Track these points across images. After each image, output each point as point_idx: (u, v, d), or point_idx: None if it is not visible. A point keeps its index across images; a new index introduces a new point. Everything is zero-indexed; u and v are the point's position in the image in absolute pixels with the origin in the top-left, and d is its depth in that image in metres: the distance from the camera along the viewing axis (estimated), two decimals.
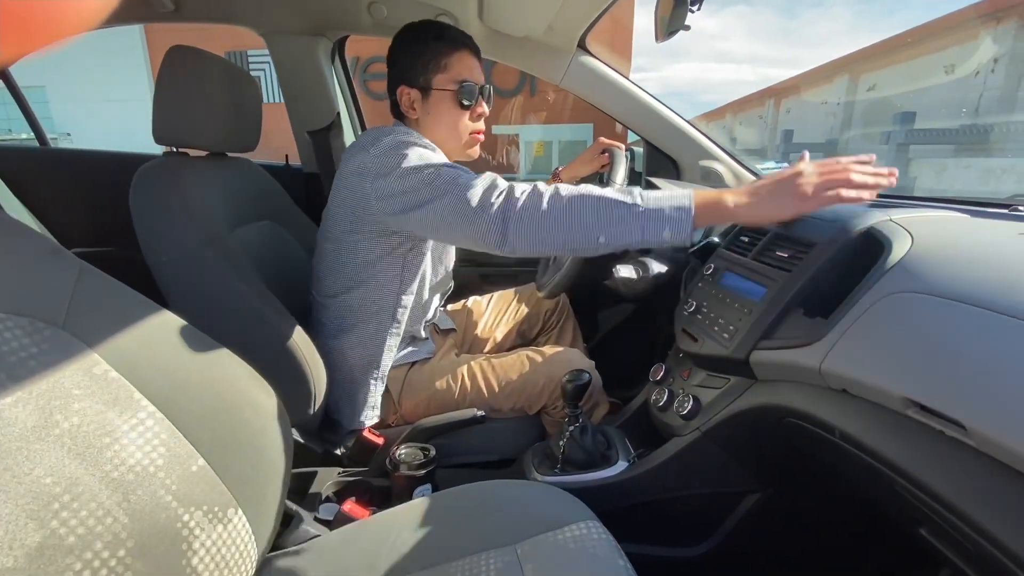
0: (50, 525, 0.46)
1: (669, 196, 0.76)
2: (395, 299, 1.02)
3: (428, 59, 0.98)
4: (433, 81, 0.99)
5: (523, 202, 0.79)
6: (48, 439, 0.49)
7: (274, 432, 0.67)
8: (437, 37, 0.99)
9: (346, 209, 0.96)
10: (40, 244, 0.57)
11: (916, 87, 5.67)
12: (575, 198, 0.78)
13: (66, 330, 0.54)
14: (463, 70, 1.00)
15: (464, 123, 1.03)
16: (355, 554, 0.69)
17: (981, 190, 4.40)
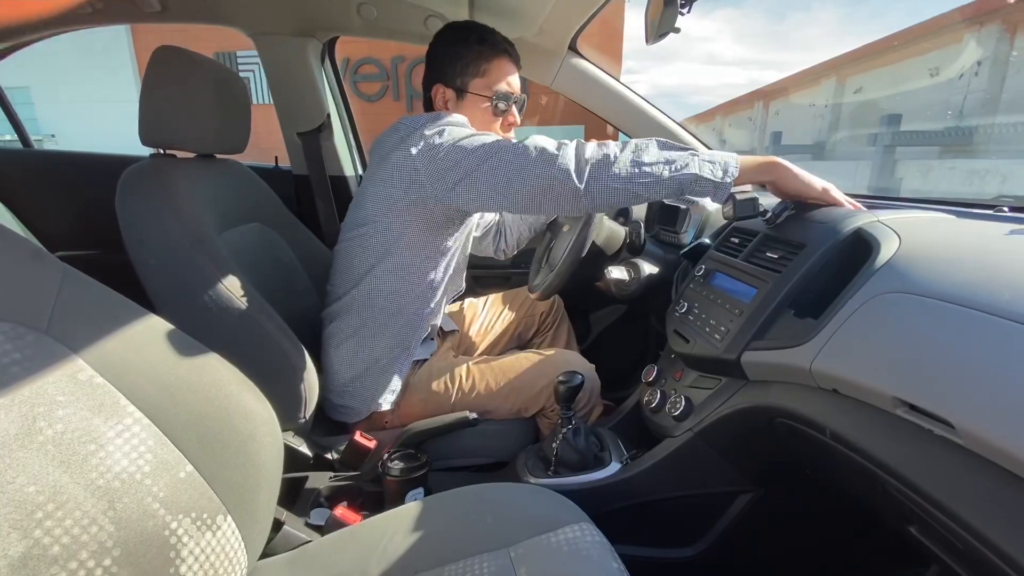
0: (33, 535, 0.45)
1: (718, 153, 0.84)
2: (429, 278, 1.02)
3: (468, 61, 0.99)
4: (470, 84, 1.00)
5: (590, 147, 0.81)
6: (31, 447, 0.48)
7: (264, 437, 0.67)
8: (480, 40, 0.99)
9: (388, 190, 0.93)
10: (22, 247, 0.56)
11: (902, 90, 5.75)
12: (637, 143, 0.82)
13: (49, 335, 0.53)
14: (500, 77, 1.01)
15: (494, 128, 1.03)
16: (347, 560, 0.68)
17: (966, 191, 4.47)
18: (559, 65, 1.38)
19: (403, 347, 1.04)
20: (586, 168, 0.80)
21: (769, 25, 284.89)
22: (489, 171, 0.83)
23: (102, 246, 1.29)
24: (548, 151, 0.82)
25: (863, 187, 5.48)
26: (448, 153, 0.86)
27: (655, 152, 0.81)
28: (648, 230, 1.29)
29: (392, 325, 1.02)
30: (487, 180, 0.83)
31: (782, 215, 0.84)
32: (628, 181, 0.80)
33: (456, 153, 0.86)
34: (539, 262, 1.30)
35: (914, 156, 5.18)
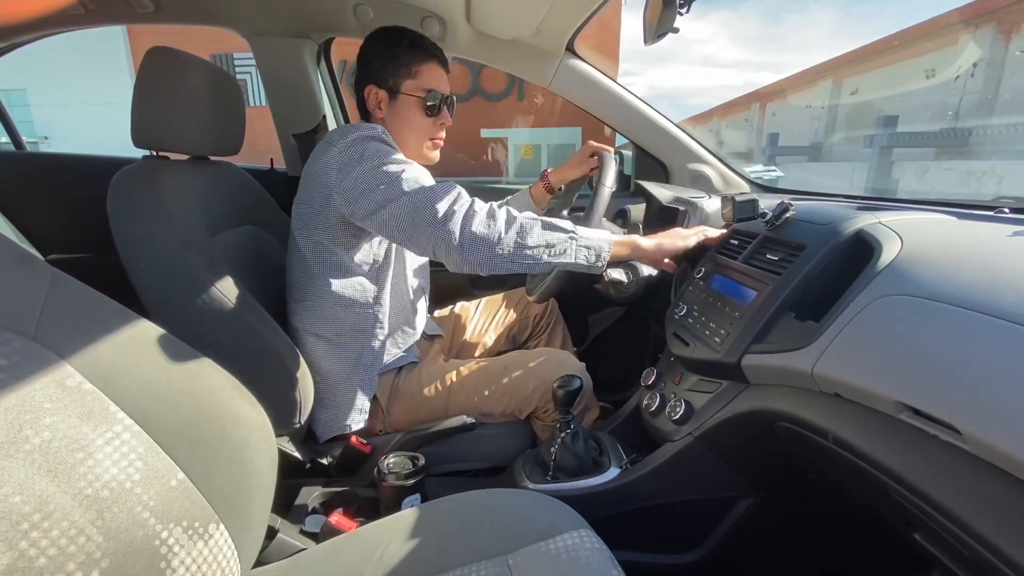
0: (19, 546, 0.44)
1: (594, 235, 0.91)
2: (372, 296, 1.02)
3: (400, 64, 1.01)
4: (402, 86, 1.02)
5: (480, 219, 0.86)
6: (17, 455, 0.47)
7: (257, 443, 0.65)
8: (412, 44, 1.01)
9: (312, 208, 0.97)
10: (9, 251, 0.55)
11: (898, 91, 5.77)
12: (524, 221, 0.88)
13: (37, 341, 0.52)
14: (431, 79, 1.03)
15: (427, 128, 1.05)
16: (342, 568, 0.67)
17: (962, 192, 4.48)
18: (556, 66, 1.37)
19: (356, 362, 1.02)
20: (470, 243, 0.85)
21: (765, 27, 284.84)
22: (393, 212, 0.88)
23: (94, 249, 1.28)
24: (444, 213, 0.86)
25: (860, 188, 5.49)
26: (362, 179, 0.91)
27: (538, 235, 0.87)
28: (647, 232, 1.28)
29: (339, 342, 1.02)
30: (391, 219, 0.89)
31: (782, 217, 0.83)
32: (507, 260, 0.87)
33: (369, 181, 0.90)
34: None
35: (911, 157, 5.20)
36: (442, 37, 1.35)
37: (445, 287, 1.55)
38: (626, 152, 1.67)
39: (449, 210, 0.86)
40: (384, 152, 0.93)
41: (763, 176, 1.67)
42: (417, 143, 1.06)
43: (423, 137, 1.06)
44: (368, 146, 0.93)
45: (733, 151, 9.81)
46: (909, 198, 1.00)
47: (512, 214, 0.89)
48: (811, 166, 7.28)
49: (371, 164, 0.91)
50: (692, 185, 1.44)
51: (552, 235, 0.88)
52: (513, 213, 0.89)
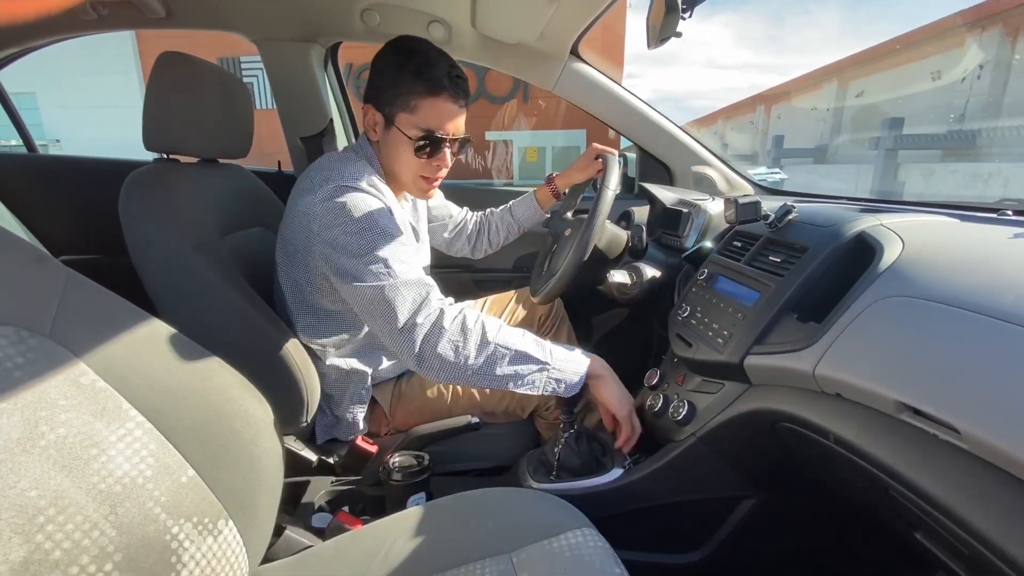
0: (35, 539, 0.45)
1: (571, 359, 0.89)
2: (349, 333, 1.01)
3: (399, 92, 0.90)
4: (396, 118, 0.92)
5: (448, 339, 0.83)
6: (33, 451, 0.48)
7: (266, 441, 0.66)
8: (417, 72, 0.88)
9: (295, 246, 0.92)
10: (25, 252, 0.56)
11: (904, 93, 5.75)
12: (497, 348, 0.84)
13: (52, 339, 0.53)
14: (431, 118, 0.90)
15: (418, 167, 0.95)
16: (349, 565, 0.68)
17: (968, 194, 4.46)
18: (560, 70, 1.38)
19: (349, 374, 1.01)
20: (430, 360, 0.83)
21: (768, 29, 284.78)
22: (358, 292, 0.83)
23: (105, 250, 1.30)
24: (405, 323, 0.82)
25: (865, 190, 5.47)
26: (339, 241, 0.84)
27: (507, 366, 0.84)
28: (650, 234, 1.29)
29: (332, 352, 1.00)
30: (353, 298, 0.85)
31: (784, 219, 0.84)
32: (467, 380, 0.85)
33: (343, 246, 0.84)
34: (542, 266, 1.29)
35: (916, 159, 5.19)
36: (447, 41, 1.36)
37: (451, 288, 1.56)
38: (630, 155, 1.67)
39: (410, 322, 0.81)
40: (363, 213, 0.85)
41: (767, 178, 1.67)
42: (407, 178, 0.98)
43: (413, 175, 0.96)
44: (347, 199, 0.85)
45: (738, 153, 9.79)
46: (913, 200, 1.00)
47: (486, 335, 0.83)
48: (816, 168, 7.26)
49: (345, 228, 0.84)
50: (696, 187, 1.44)
51: (523, 367, 0.84)
52: (488, 333, 0.84)
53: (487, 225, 1.35)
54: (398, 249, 0.85)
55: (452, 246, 1.36)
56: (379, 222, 0.86)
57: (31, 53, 1.49)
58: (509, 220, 1.34)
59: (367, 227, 0.84)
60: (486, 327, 0.85)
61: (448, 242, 1.36)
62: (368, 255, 0.83)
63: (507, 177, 7.65)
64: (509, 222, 1.35)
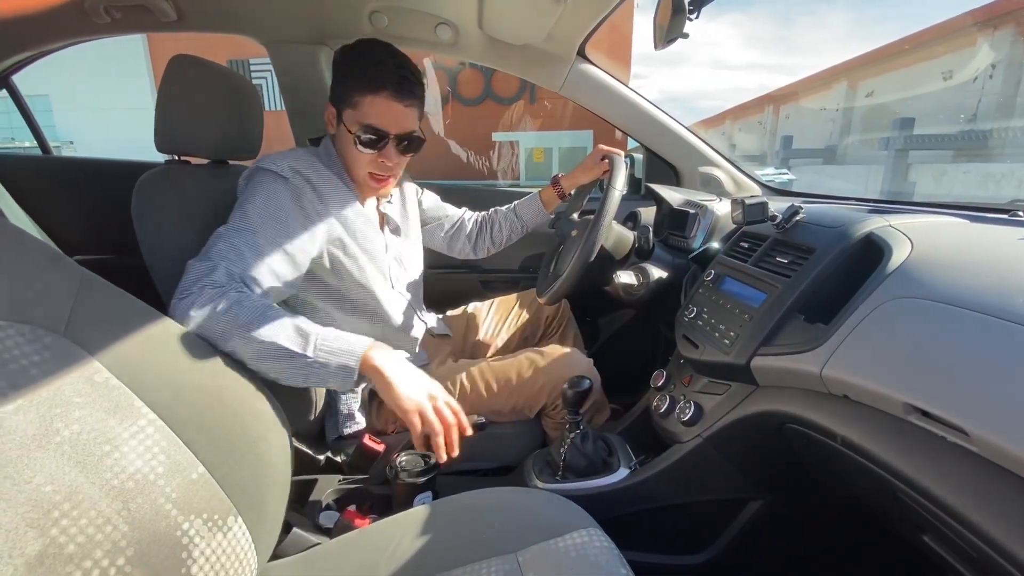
0: (50, 533, 0.46)
1: (342, 350, 0.77)
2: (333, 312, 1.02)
3: (345, 88, 0.94)
4: (343, 113, 0.96)
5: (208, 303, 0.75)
6: (49, 447, 0.49)
7: (274, 439, 0.67)
8: (361, 72, 0.92)
9: None
10: (41, 251, 0.57)
11: (915, 93, 5.69)
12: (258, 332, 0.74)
13: (67, 337, 0.54)
14: (372, 115, 0.93)
15: (364, 162, 0.97)
16: (355, 562, 0.68)
17: (980, 195, 4.41)
18: (567, 71, 1.39)
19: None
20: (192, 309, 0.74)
21: (777, 29, 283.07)
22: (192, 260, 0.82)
23: (117, 250, 1.31)
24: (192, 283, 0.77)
25: (876, 191, 5.43)
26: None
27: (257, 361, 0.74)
28: (657, 235, 1.29)
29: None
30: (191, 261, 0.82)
31: (792, 220, 0.84)
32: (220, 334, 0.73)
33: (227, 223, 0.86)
34: (548, 267, 1.30)
35: (927, 160, 5.13)
36: (454, 43, 1.37)
37: (457, 289, 1.57)
38: (637, 155, 1.67)
39: (182, 286, 0.77)
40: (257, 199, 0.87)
41: (775, 179, 1.66)
42: (357, 174, 1.00)
43: (362, 171, 0.99)
44: (257, 182, 0.90)
45: (746, 154, 9.74)
46: (922, 201, 1.00)
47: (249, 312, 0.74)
48: (825, 169, 7.21)
49: (237, 211, 0.88)
50: (703, 188, 1.44)
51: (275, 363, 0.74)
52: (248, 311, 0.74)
53: (490, 224, 1.36)
54: (229, 242, 0.84)
55: (452, 246, 1.36)
56: (258, 207, 0.87)
57: (46, 56, 1.51)
58: (513, 219, 1.35)
59: (241, 203, 0.88)
60: (238, 309, 0.75)
61: (447, 243, 1.35)
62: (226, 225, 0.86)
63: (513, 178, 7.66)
64: (513, 221, 1.35)
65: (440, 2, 1.25)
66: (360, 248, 1.02)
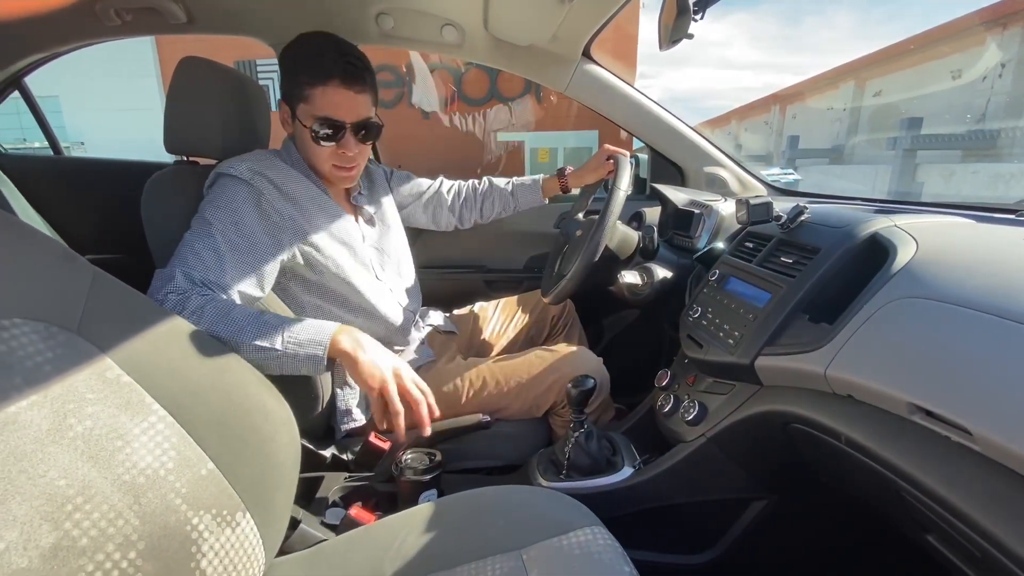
0: (63, 527, 0.47)
1: (310, 340, 0.79)
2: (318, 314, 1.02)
3: (295, 83, 0.94)
4: (297, 109, 0.95)
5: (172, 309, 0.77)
6: (62, 442, 0.50)
7: (282, 437, 0.68)
8: (307, 63, 0.92)
9: None
10: (54, 250, 0.58)
11: (923, 92, 5.65)
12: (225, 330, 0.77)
13: (80, 335, 0.55)
14: (325, 106, 0.92)
15: (325, 155, 0.98)
16: (361, 559, 0.69)
17: (990, 195, 4.38)
18: (572, 72, 1.39)
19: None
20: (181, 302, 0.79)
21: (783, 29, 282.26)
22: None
23: (127, 250, 1.33)
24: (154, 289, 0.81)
25: (883, 191, 5.40)
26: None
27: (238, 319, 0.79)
28: (662, 235, 1.29)
29: None
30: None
31: (796, 220, 0.84)
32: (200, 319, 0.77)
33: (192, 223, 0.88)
34: (553, 267, 1.30)
35: (936, 160, 5.10)
36: (460, 44, 1.37)
37: (462, 289, 1.57)
38: (642, 155, 1.68)
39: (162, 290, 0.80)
40: (217, 204, 0.89)
41: (780, 179, 1.66)
42: (322, 168, 1.00)
43: (325, 163, 0.99)
44: (218, 186, 0.91)
45: (753, 154, 9.70)
46: (927, 201, 0.99)
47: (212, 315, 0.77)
48: (832, 169, 7.17)
49: (199, 213, 0.89)
50: (708, 188, 1.44)
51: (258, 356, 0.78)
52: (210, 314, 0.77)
53: (482, 196, 1.35)
54: (205, 239, 0.86)
55: (437, 221, 1.35)
56: (219, 212, 0.88)
57: (57, 58, 1.53)
58: (508, 199, 1.35)
59: (202, 208, 0.89)
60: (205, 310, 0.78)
61: (430, 217, 1.34)
62: (188, 231, 0.87)
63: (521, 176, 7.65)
64: (507, 200, 1.35)
65: (446, 3, 1.26)
66: (336, 241, 1.02)
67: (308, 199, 1.00)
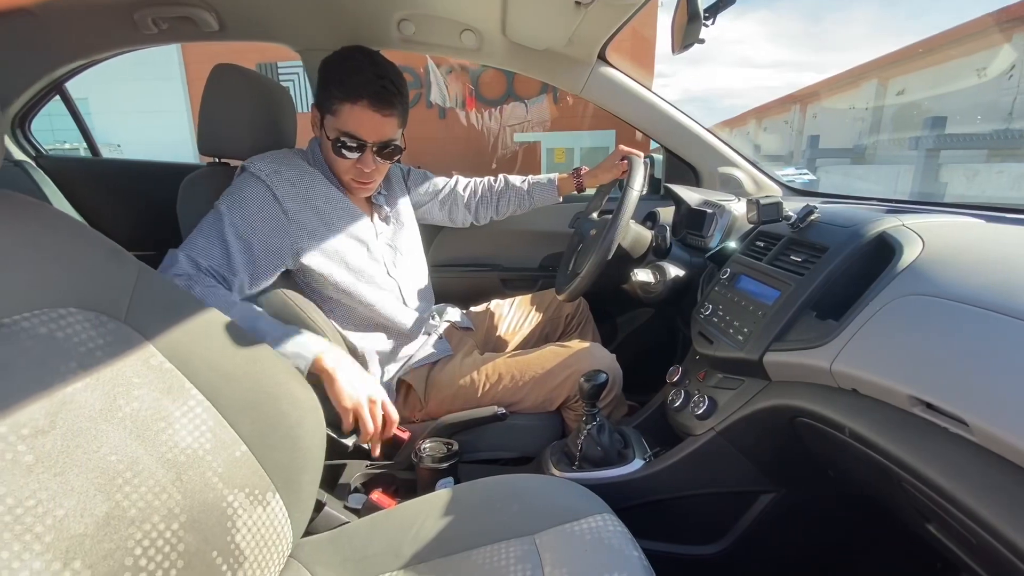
0: (115, 498, 0.51)
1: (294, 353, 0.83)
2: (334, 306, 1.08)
3: (326, 96, 0.98)
4: (324, 120, 1.01)
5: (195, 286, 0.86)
6: (113, 421, 0.54)
7: (309, 424, 0.72)
8: (340, 82, 0.96)
9: None
10: (104, 246, 0.63)
11: (947, 90, 5.52)
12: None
13: (127, 324, 0.60)
14: (350, 122, 0.97)
15: (343, 167, 1.03)
16: (382, 540, 0.73)
17: (1015, 196, 4.27)
18: (588, 74, 1.41)
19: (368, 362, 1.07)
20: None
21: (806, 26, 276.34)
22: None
23: (160, 247, 1.39)
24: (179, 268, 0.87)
25: (905, 192, 5.29)
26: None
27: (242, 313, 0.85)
28: (675, 234, 1.30)
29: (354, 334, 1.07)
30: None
31: (806, 219, 0.85)
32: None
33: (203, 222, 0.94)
34: (567, 265, 1.33)
35: (959, 160, 4.98)
36: (479, 48, 1.41)
37: (477, 287, 1.61)
38: (657, 156, 1.69)
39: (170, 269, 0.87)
40: (235, 198, 0.94)
41: (795, 179, 1.66)
42: (340, 176, 1.06)
43: (344, 174, 1.05)
44: (237, 181, 0.96)
45: (773, 154, 9.56)
46: (940, 202, 1.00)
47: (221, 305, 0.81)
48: (853, 169, 7.05)
49: (217, 205, 0.94)
50: (722, 188, 1.45)
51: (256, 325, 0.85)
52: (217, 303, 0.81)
53: (498, 194, 1.39)
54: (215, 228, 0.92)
55: (453, 218, 1.39)
56: (232, 206, 0.94)
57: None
58: (523, 197, 1.39)
59: (220, 202, 0.94)
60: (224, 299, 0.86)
61: (447, 215, 1.39)
62: (203, 219, 0.93)
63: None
64: (523, 198, 1.39)
65: (465, 9, 1.29)
66: (350, 238, 1.07)
67: (324, 198, 1.04)
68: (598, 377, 0.92)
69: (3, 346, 0.49)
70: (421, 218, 1.33)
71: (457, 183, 1.39)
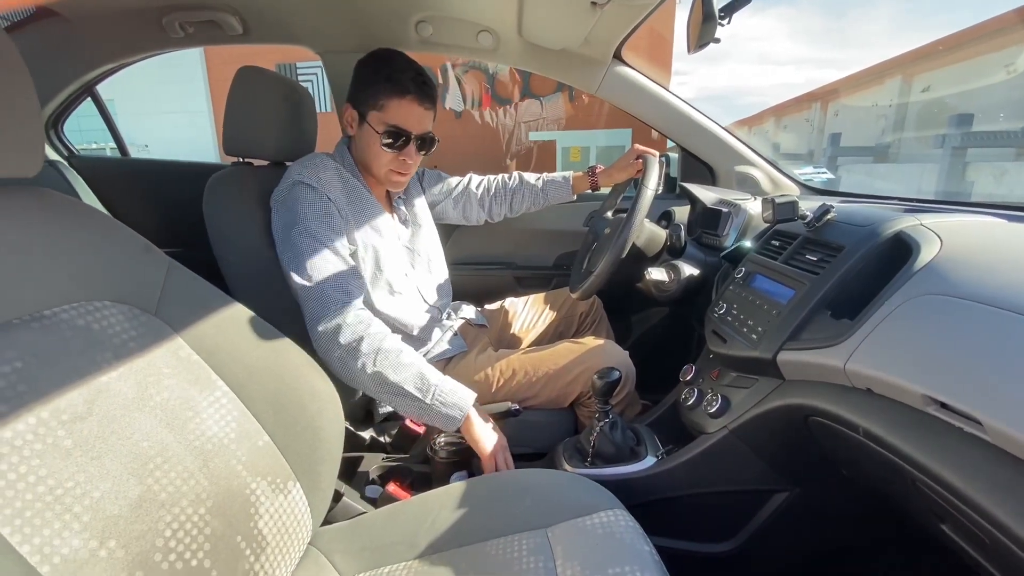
0: (146, 482, 0.54)
1: (454, 403, 0.94)
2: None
3: (371, 93, 1.04)
4: (368, 115, 1.05)
5: (337, 354, 0.94)
6: (145, 409, 0.57)
7: (329, 416, 0.74)
8: (388, 78, 1.02)
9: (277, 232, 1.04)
10: (136, 242, 0.66)
11: (974, 87, 5.38)
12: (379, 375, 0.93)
13: (158, 317, 0.63)
14: (397, 116, 1.04)
15: (385, 160, 1.07)
16: (398, 530, 0.75)
17: None
18: (603, 74, 1.42)
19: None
20: (332, 363, 0.94)
21: (827, 22, 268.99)
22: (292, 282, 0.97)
23: (186, 245, 1.43)
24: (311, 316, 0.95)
25: (930, 191, 5.17)
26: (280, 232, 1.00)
27: (385, 395, 0.95)
28: (690, 233, 1.30)
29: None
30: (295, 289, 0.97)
31: (822, 219, 0.85)
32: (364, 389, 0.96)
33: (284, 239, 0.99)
34: (581, 264, 1.33)
35: (987, 158, 4.85)
36: (495, 49, 1.42)
37: (492, 285, 1.62)
38: (673, 155, 1.69)
39: (313, 327, 0.95)
40: (304, 210, 0.99)
41: (813, 178, 1.64)
42: (379, 171, 1.10)
43: (383, 167, 1.09)
44: (297, 195, 1.00)
45: (792, 152, 9.41)
46: (960, 201, 0.98)
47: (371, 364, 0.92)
48: (876, 168, 6.89)
49: (288, 220, 0.99)
50: (739, 187, 1.44)
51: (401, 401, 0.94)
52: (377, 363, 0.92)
53: (512, 192, 1.41)
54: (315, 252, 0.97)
55: (467, 216, 1.42)
56: (308, 221, 0.99)
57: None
58: (538, 194, 1.40)
59: (301, 224, 0.98)
60: (378, 356, 0.93)
61: (461, 214, 1.41)
62: (296, 254, 0.97)
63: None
64: (537, 196, 1.40)
65: (482, 11, 1.31)
66: (379, 237, 1.11)
67: (358, 198, 1.09)
68: (611, 374, 0.93)
69: (45, 336, 0.52)
70: (437, 217, 1.35)
71: (471, 181, 1.41)
